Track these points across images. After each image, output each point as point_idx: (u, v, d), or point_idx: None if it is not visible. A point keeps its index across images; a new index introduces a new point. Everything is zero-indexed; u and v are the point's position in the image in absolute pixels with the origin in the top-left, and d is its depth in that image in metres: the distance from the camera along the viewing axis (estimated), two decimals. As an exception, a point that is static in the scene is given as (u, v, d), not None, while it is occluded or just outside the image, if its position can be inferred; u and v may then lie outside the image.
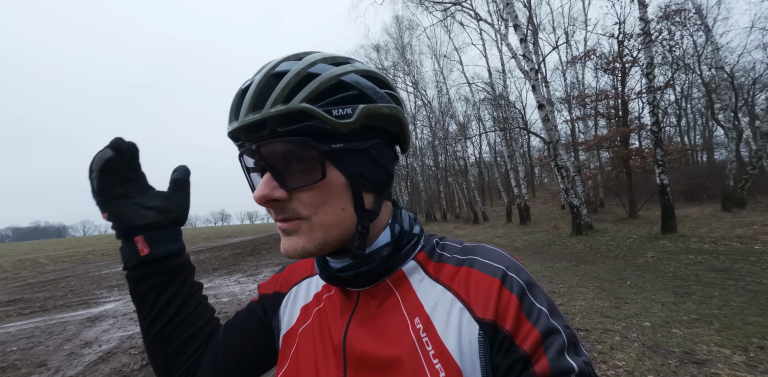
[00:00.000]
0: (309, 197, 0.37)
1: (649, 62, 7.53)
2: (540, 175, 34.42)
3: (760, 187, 9.81)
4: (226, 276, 7.03)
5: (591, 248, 7.17)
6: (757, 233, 6.37)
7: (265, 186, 0.36)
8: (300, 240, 0.37)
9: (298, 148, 0.36)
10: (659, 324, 2.83)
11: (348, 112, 0.37)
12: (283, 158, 0.37)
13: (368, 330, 0.41)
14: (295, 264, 0.57)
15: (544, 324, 0.34)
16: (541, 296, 0.37)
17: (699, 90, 16.73)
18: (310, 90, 0.35)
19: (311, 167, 0.36)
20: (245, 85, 0.38)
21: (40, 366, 2.89)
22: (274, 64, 0.38)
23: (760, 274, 4.11)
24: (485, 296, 0.37)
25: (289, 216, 0.37)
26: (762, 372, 1.97)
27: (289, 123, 0.35)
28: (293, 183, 0.37)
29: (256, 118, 0.35)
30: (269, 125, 0.35)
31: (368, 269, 0.41)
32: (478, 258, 0.41)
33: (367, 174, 0.40)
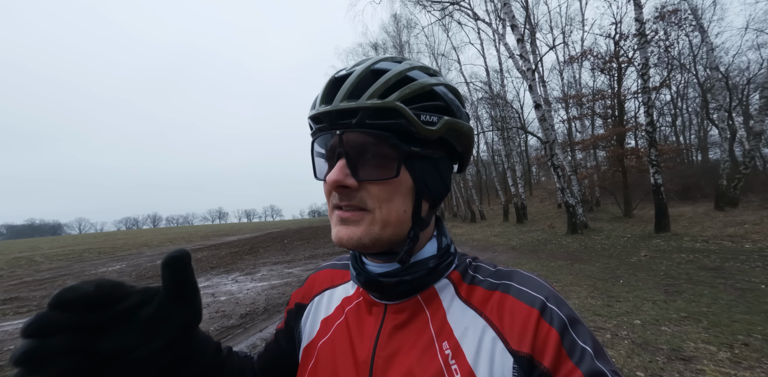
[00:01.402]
0: (378, 191, 0.38)
1: (645, 63, 7.59)
2: (537, 174, 34.61)
3: (752, 187, 9.92)
4: (224, 275, 7.04)
5: (586, 247, 7.25)
6: (748, 232, 6.48)
7: (340, 171, 0.37)
8: (358, 231, 0.37)
9: (379, 142, 0.37)
10: (649, 321, 2.89)
11: (434, 120, 0.39)
12: (362, 149, 0.38)
13: (395, 348, 0.39)
14: (316, 274, 0.57)
15: (589, 366, 0.32)
16: (586, 334, 0.35)
17: (694, 90, 16.89)
18: (406, 91, 0.37)
19: (387, 163, 0.38)
20: (340, 74, 0.40)
21: (38, 365, 2.90)
22: (373, 61, 0.40)
23: (749, 273, 4.19)
24: (521, 327, 0.35)
25: (355, 204, 0.38)
26: (745, 368, 2.03)
27: (379, 117, 0.37)
28: (366, 174, 0.38)
29: (350, 105, 0.36)
30: (360, 115, 0.36)
31: (412, 278, 0.40)
32: (513, 284, 0.39)
33: (430, 183, 0.41)
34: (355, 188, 0.37)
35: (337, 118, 0.38)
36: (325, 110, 0.38)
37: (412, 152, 0.38)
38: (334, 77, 0.40)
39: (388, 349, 0.40)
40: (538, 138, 10.29)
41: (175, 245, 17.43)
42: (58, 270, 10.00)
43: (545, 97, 12.34)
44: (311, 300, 0.53)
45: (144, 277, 7.45)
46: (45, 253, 16.36)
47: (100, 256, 13.70)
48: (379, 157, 0.38)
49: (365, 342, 0.42)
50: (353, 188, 0.37)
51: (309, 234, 18.55)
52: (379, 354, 0.40)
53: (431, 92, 0.40)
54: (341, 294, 0.51)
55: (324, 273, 0.57)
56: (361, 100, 0.36)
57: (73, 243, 24.84)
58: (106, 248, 17.69)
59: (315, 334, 0.48)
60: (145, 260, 11.22)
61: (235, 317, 3.98)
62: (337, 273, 0.55)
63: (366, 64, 0.39)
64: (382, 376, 0.38)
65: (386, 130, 0.37)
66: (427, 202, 0.42)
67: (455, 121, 0.40)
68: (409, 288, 0.41)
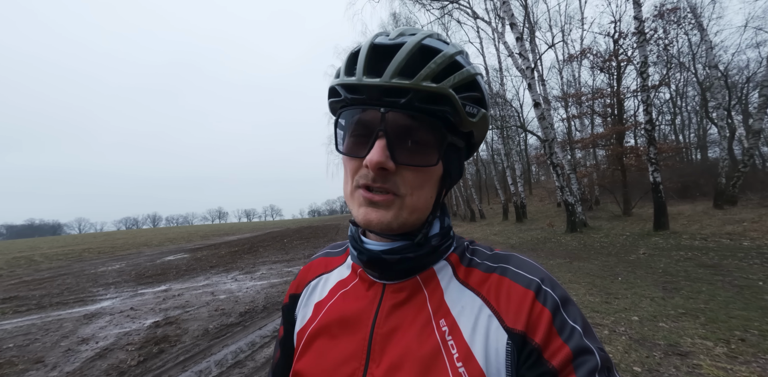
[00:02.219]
0: (413, 177, 0.38)
1: (644, 61, 7.58)
2: (537, 172, 34.61)
3: (751, 185, 9.94)
4: (224, 274, 7.05)
5: (585, 245, 7.27)
6: (747, 230, 6.49)
7: (381, 153, 0.36)
8: (388, 215, 0.38)
9: (422, 127, 0.37)
10: (647, 318, 2.90)
11: (474, 111, 0.39)
12: (403, 131, 0.37)
13: (394, 325, 0.40)
14: (310, 264, 0.57)
15: (577, 342, 0.34)
16: (576, 314, 0.36)
17: (693, 88, 16.89)
18: (458, 79, 0.36)
19: (428, 150, 0.37)
20: (382, 42, 0.37)
21: (38, 363, 2.91)
22: (422, 36, 0.37)
23: (746, 270, 4.20)
24: (517, 306, 0.36)
25: (388, 187, 0.37)
26: (741, 363, 2.04)
27: (430, 102, 0.36)
28: (405, 159, 0.37)
29: (404, 84, 0.34)
30: (411, 95, 0.35)
31: (416, 256, 0.41)
32: (510, 268, 0.41)
33: (454, 172, 0.42)
34: (392, 171, 0.37)
35: (384, 94, 0.35)
36: (372, 83, 0.35)
37: (450, 142, 0.39)
38: (373, 43, 0.37)
39: (386, 327, 0.40)
40: (537, 136, 10.30)
41: (175, 244, 17.43)
42: (58, 269, 10.01)
43: (544, 96, 12.34)
44: (305, 287, 0.53)
45: (143, 276, 7.46)
46: (45, 253, 16.35)
47: (99, 256, 13.70)
48: (418, 142, 0.37)
49: (363, 321, 0.42)
50: (390, 171, 0.37)
51: (309, 234, 18.56)
52: (378, 332, 0.40)
53: (474, 82, 0.39)
54: (336, 277, 0.51)
55: (318, 261, 0.57)
56: (415, 80, 0.34)
57: (72, 243, 24.83)
58: (105, 248, 17.69)
59: (308, 317, 0.48)
60: (145, 259, 11.22)
61: (234, 315, 3.99)
62: (331, 259, 0.55)
63: (415, 39, 0.36)
64: (381, 353, 0.38)
65: (434, 116, 0.36)
66: (445, 189, 0.43)
67: (487, 115, 0.41)
68: (410, 266, 0.42)
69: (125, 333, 3.60)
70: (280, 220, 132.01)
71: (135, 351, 3.04)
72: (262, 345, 3.01)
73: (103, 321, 4.11)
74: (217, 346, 3.04)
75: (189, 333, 3.45)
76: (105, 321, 4.13)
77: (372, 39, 0.38)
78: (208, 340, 3.21)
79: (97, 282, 7.21)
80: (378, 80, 0.35)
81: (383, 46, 0.37)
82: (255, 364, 2.62)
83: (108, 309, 4.73)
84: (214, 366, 2.62)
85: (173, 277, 7.09)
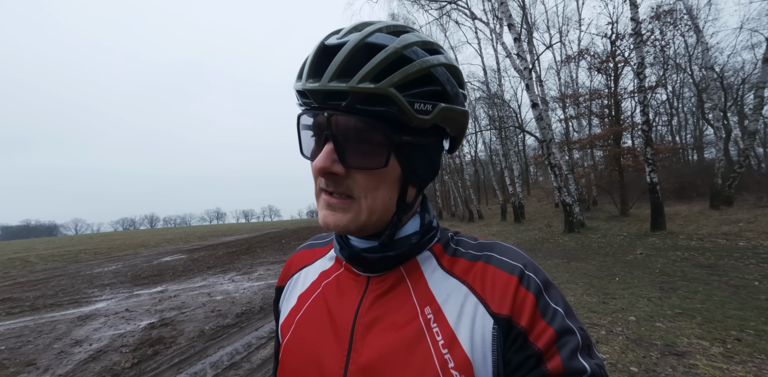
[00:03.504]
0: (365, 180, 0.37)
1: (640, 62, 7.63)
2: (535, 173, 34.69)
3: (747, 186, 9.99)
4: (221, 275, 7.01)
5: (582, 245, 7.28)
6: (743, 230, 6.53)
7: (327, 157, 0.36)
8: (345, 218, 0.38)
9: (369, 129, 0.36)
10: (644, 318, 2.90)
11: (428, 108, 0.36)
12: (351, 133, 0.36)
13: (377, 315, 0.40)
14: (293, 257, 0.57)
15: (560, 323, 0.35)
16: (557, 297, 0.38)
17: (690, 89, 16.97)
18: (401, 76, 0.34)
19: (376, 152, 0.36)
20: (331, 42, 0.36)
21: (29, 365, 2.87)
22: (367, 32, 0.36)
23: (742, 270, 4.22)
24: (501, 292, 0.37)
25: (342, 191, 0.37)
26: (737, 363, 2.04)
27: (371, 103, 0.34)
28: (354, 162, 0.36)
29: (341, 87, 0.34)
30: (351, 98, 0.34)
31: (395, 254, 0.41)
32: (494, 255, 0.41)
33: (419, 170, 0.41)
34: (342, 175, 0.37)
35: (326, 98, 0.35)
36: (312, 88, 0.35)
37: (403, 142, 0.37)
38: (323, 44, 0.36)
39: (369, 316, 0.40)
40: (535, 137, 10.33)
41: (172, 245, 17.34)
42: (53, 270, 9.92)
43: (542, 97, 12.37)
44: (289, 280, 0.54)
45: (140, 277, 7.40)
46: (40, 254, 16.22)
47: (95, 257, 13.60)
48: (367, 144, 0.36)
49: (345, 311, 0.42)
50: (341, 175, 0.37)
51: (307, 234, 18.52)
52: (360, 322, 0.40)
53: (428, 76, 0.37)
54: (318, 268, 0.51)
55: (300, 253, 0.57)
56: (352, 82, 0.33)
57: (68, 244, 24.65)
58: (102, 249, 17.57)
59: (290, 309, 0.48)
60: (142, 260, 11.15)
61: (230, 316, 3.96)
62: (314, 251, 0.56)
63: (359, 36, 0.35)
64: (362, 341, 0.39)
65: (377, 118, 0.35)
66: (414, 187, 0.42)
67: (450, 107, 0.38)
68: (392, 263, 0.43)
69: (120, 334, 3.56)
70: (279, 221, 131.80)
71: (129, 353, 3.01)
72: (258, 346, 2.99)
73: (97, 323, 4.06)
74: (213, 348, 3.01)
75: (184, 334, 3.43)
76: (99, 322, 4.09)
77: (323, 39, 0.37)
78: (204, 342, 3.18)
79: (93, 283, 7.15)
80: (317, 85, 0.35)
81: (329, 47, 0.36)
82: (251, 366, 2.60)
83: (103, 310, 4.69)
84: (209, 368, 2.60)
85: (170, 278, 7.04)
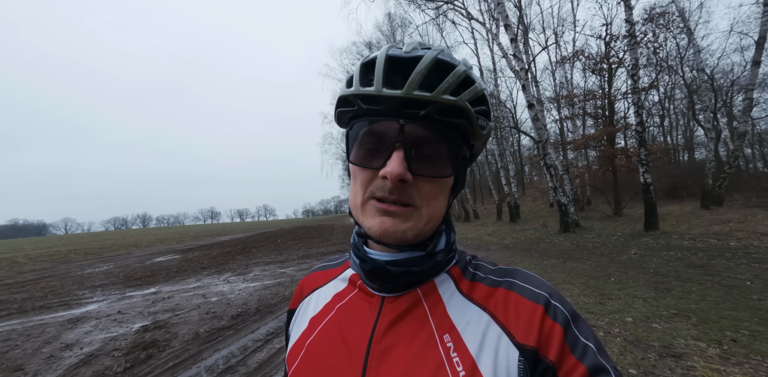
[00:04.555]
0: (429, 188, 0.38)
1: (634, 64, 7.71)
2: (530, 173, 34.98)
3: (736, 186, 10.20)
4: (215, 275, 6.92)
5: (578, 245, 7.35)
6: (733, 230, 6.65)
7: (401, 165, 0.36)
8: (404, 225, 0.38)
9: (439, 139, 0.38)
10: (640, 319, 2.92)
11: (484, 125, 0.40)
12: (420, 142, 0.37)
13: (393, 341, 0.38)
14: (306, 278, 0.56)
15: (592, 361, 0.33)
16: (587, 330, 0.36)
17: (681, 91, 17.27)
18: (472, 93, 0.38)
19: (443, 162, 0.39)
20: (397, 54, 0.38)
21: (17, 371, 2.79)
22: (436, 51, 0.38)
23: (734, 270, 4.29)
24: (526, 322, 0.35)
25: (404, 199, 0.38)
26: (734, 364, 2.06)
27: (448, 114, 0.37)
28: (422, 170, 0.37)
29: (425, 96, 0.35)
30: (431, 108, 0.36)
31: (420, 269, 0.41)
32: (517, 282, 0.40)
33: (461, 182, 0.44)
34: (409, 183, 0.37)
35: (403, 106, 0.36)
36: (393, 94, 0.36)
37: (464, 154, 0.41)
38: (389, 55, 0.38)
39: (385, 342, 0.39)
40: (531, 137, 10.38)
41: (166, 245, 17.10)
42: (42, 271, 9.70)
43: (538, 97, 12.46)
44: (301, 303, 0.52)
45: (132, 278, 7.27)
46: (28, 254, 15.86)
47: (86, 257, 13.34)
48: (435, 153, 0.38)
49: (360, 335, 0.40)
50: (408, 183, 0.37)
51: (303, 234, 18.40)
52: (375, 347, 0.38)
53: (483, 96, 0.40)
54: (331, 291, 0.49)
55: (313, 275, 0.56)
56: (436, 93, 0.35)
57: (58, 244, 24.16)
58: (93, 249, 17.25)
59: (301, 333, 0.46)
60: (134, 261, 10.97)
61: (226, 318, 3.90)
62: (327, 272, 0.54)
63: (432, 54, 0.37)
64: (378, 369, 0.37)
65: (451, 129, 0.38)
66: (452, 198, 0.44)
67: (492, 126, 0.43)
68: (413, 279, 0.41)
69: (112, 338, 3.48)
70: (274, 220, 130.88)
71: (122, 356, 2.94)
72: (254, 349, 2.94)
73: (88, 326, 3.97)
74: (208, 351, 2.96)
75: (179, 337, 3.36)
76: (90, 325, 4.00)
77: (386, 50, 0.39)
78: (199, 345, 3.12)
79: (83, 284, 7.00)
80: (399, 92, 0.36)
81: (398, 59, 0.38)
82: (247, 369, 2.56)
83: (94, 312, 4.58)
84: (204, 372, 2.55)
85: (163, 279, 6.93)
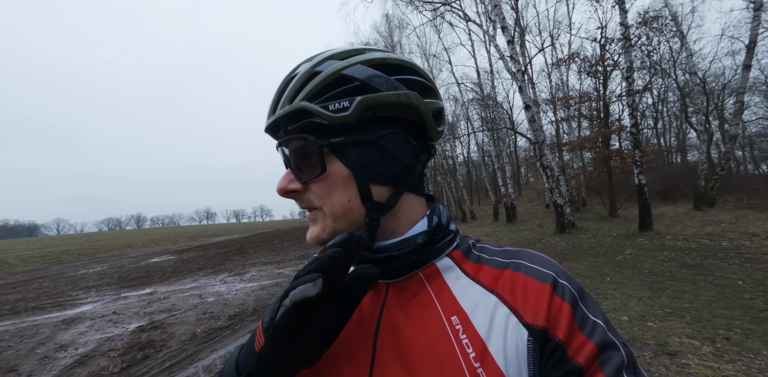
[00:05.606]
0: (318, 189, 0.40)
1: (629, 66, 7.82)
2: (526, 174, 35.24)
3: (728, 187, 10.36)
4: (212, 276, 6.87)
5: (574, 246, 7.41)
6: (725, 230, 6.76)
7: (284, 179, 0.41)
8: (316, 229, 0.41)
9: (303, 144, 0.39)
10: (636, 318, 2.97)
11: (345, 105, 0.37)
12: (297, 154, 0.40)
13: (400, 324, 0.39)
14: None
15: (601, 337, 0.33)
16: (595, 308, 0.36)
17: (674, 94, 17.53)
18: (310, 88, 0.38)
19: (313, 162, 0.39)
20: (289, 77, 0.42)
21: (10, 372, 2.75)
22: (294, 68, 0.41)
23: (726, 269, 4.37)
24: (535, 301, 0.35)
25: (306, 205, 0.41)
26: (727, 362, 2.10)
27: (294, 121, 0.39)
28: (305, 176, 0.40)
29: (272, 120, 0.40)
30: (282, 125, 0.40)
31: (400, 254, 0.40)
32: (523, 263, 0.40)
33: (374, 166, 0.39)
34: (302, 191, 0.41)
35: (273, 132, 0.42)
36: (265, 128, 0.42)
37: (333, 144, 0.38)
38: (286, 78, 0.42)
39: (392, 326, 0.39)
40: (527, 138, 10.47)
41: (161, 246, 16.93)
42: (34, 272, 9.56)
43: (534, 99, 12.56)
44: None
45: (127, 279, 7.20)
46: (20, 255, 15.62)
47: (79, 258, 13.17)
48: (311, 156, 0.39)
49: (367, 321, 0.41)
50: (301, 191, 0.41)
51: (300, 235, 18.34)
52: (383, 331, 0.39)
53: (341, 77, 0.38)
54: None
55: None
56: (277, 112, 0.39)
57: (50, 245, 23.81)
58: (86, 249, 17.04)
59: None
60: (128, 261, 10.85)
61: (223, 318, 3.88)
62: None
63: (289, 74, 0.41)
64: (387, 354, 0.37)
65: (305, 131, 0.39)
66: (382, 185, 0.40)
67: (374, 96, 0.37)
68: (401, 264, 0.41)
69: (107, 338, 3.45)
70: (270, 221, 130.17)
71: (118, 357, 2.91)
72: (252, 349, 2.94)
73: (83, 327, 3.93)
74: (206, 351, 2.94)
75: (175, 337, 3.34)
76: (85, 326, 3.95)
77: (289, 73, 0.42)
78: (196, 345, 3.10)
79: (77, 285, 6.92)
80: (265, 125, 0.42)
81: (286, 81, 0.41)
82: (245, 370, 2.55)
83: (89, 313, 4.54)
84: (202, 372, 2.54)
85: (158, 280, 6.87)
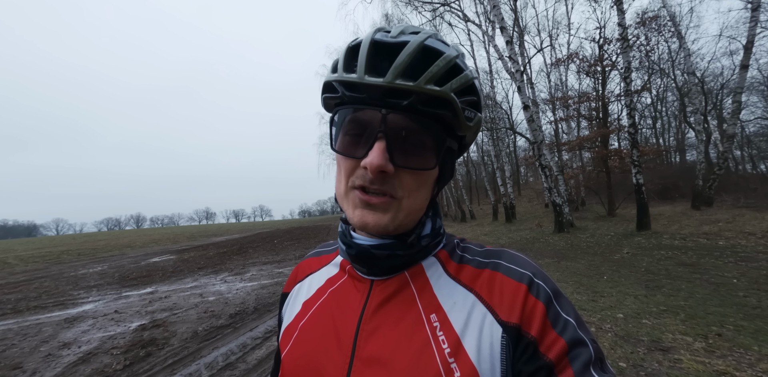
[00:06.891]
0: (411, 180, 0.38)
1: (627, 66, 7.86)
2: (525, 174, 35.25)
3: (726, 187, 10.41)
4: (212, 275, 6.90)
5: (572, 245, 7.46)
6: (722, 230, 6.80)
7: (382, 156, 0.35)
8: (385, 217, 0.37)
9: (422, 130, 0.36)
10: (631, 315, 3.01)
11: (472, 115, 0.39)
12: (402, 133, 0.36)
13: (381, 321, 0.39)
14: (301, 264, 0.57)
15: (571, 334, 0.34)
16: (568, 307, 0.37)
17: (673, 94, 17.57)
18: (459, 83, 0.36)
19: (427, 153, 0.37)
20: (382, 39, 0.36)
21: (15, 369, 2.79)
22: (424, 36, 0.36)
23: (722, 268, 4.41)
24: (510, 300, 0.36)
25: (386, 190, 0.37)
26: (718, 357, 2.15)
27: (432, 105, 0.35)
28: (404, 162, 0.36)
29: (408, 85, 0.34)
30: (414, 98, 0.34)
31: (404, 254, 0.41)
32: (502, 263, 0.41)
33: (447, 174, 0.43)
34: (390, 174, 0.36)
35: (386, 95, 0.35)
36: (374, 83, 0.34)
37: (449, 146, 0.39)
38: (374, 40, 0.36)
39: (373, 323, 0.40)
40: (526, 138, 10.52)
41: (160, 246, 16.95)
42: (34, 272, 9.58)
43: (533, 99, 12.60)
44: (294, 286, 0.53)
45: (128, 278, 7.23)
46: (19, 255, 15.62)
47: (79, 258, 13.18)
48: (418, 144, 0.37)
49: (349, 317, 0.41)
50: (389, 174, 0.36)
51: (299, 234, 18.37)
52: (364, 328, 0.39)
53: (472, 86, 0.38)
54: (324, 276, 0.50)
55: (308, 261, 0.57)
56: (418, 83, 0.34)
57: (50, 245, 23.80)
58: (86, 249, 17.04)
59: (294, 316, 0.47)
60: (129, 261, 10.88)
61: (224, 317, 3.92)
62: (321, 258, 0.55)
63: (418, 39, 0.35)
64: (366, 349, 0.38)
65: (434, 119, 0.36)
66: (438, 189, 0.44)
67: (481, 117, 0.41)
68: (398, 262, 0.42)
69: (110, 336, 3.49)
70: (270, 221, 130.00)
71: (120, 355, 2.95)
72: (253, 346, 2.97)
73: (85, 325, 3.96)
74: (207, 349, 2.98)
75: (177, 335, 3.37)
76: (88, 324, 3.99)
77: (372, 34, 0.36)
78: (198, 343, 3.14)
79: (78, 284, 6.95)
80: (381, 80, 0.34)
81: (384, 44, 0.36)
82: (246, 366, 2.59)
83: (90, 312, 4.57)
84: (204, 369, 2.57)
85: (159, 279, 6.90)
